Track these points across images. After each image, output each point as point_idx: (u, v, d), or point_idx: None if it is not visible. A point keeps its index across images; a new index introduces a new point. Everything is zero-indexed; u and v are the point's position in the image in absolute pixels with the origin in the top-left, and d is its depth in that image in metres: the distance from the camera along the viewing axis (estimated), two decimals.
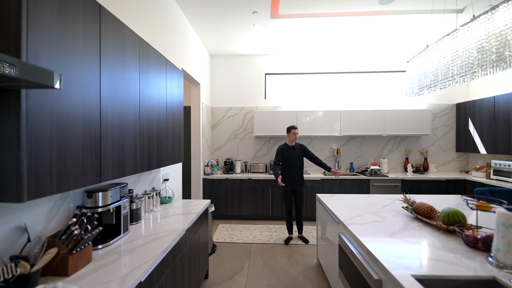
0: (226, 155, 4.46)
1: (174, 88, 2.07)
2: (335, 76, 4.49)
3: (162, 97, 1.81)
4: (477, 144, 3.80)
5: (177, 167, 2.78)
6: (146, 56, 1.58)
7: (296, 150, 3.18)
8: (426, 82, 2.05)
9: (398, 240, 1.38)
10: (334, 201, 2.30)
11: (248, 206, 3.93)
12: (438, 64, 1.90)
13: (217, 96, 4.50)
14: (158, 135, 1.75)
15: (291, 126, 3.18)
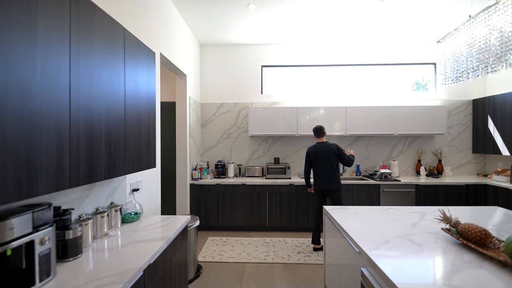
0: (217, 157, 3.97)
1: (140, 74, 1.58)
2: (340, 69, 4.04)
3: (117, 84, 1.32)
4: (498, 144, 3.38)
5: (152, 173, 2.29)
6: (86, 18, 1.08)
7: None
8: (468, 65, 1.59)
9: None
10: (346, 216, 1.83)
11: (242, 215, 3.45)
12: (489, 38, 1.43)
13: (208, 90, 4.01)
14: (109, 135, 1.26)
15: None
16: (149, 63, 1.72)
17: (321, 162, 2.86)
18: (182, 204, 3.33)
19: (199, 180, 3.48)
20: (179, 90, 3.32)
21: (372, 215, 1.87)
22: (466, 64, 1.56)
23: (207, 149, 4.00)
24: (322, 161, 2.86)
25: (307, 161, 2.98)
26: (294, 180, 3.46)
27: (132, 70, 1.48)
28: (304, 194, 3.41)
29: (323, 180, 2.85)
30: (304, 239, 3.17)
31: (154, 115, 1.78)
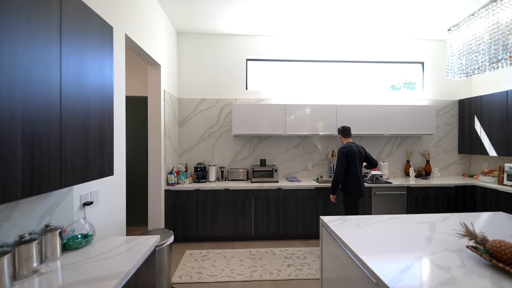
0: (197, 159, 3.57)
1: (89, 53, 1.18)
2: (330, 65, 3.82)
3: (45, 63, 0.92)
4: (485, 145, 3.36)
5: (113, 181, 1.86)
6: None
7: None
8: (484, 57, 1.38)
9: None
10: (349, 230, 1.56)
11: (224, 224, 3.08)
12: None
13: (186, 84, 3.59)
14: (31, 131, 0.86)
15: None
16: (103, 40, 1.31)
17: (358, 163, 2.64)
18: (155, 214, 2.90)
19: (175, 186, 3.06)
20: (152, 82, 2.88)
21: (376, 227, 1.62)
22: (488, 54, 1.35)
23: (186, 150, 3.58)
24: (359, 162, 2.65)
25: (343, 163, 2.59)
26: (282, 184, 3.17)
27: (73, 46, 1.07)
28: (293, 199, 3.14)
29: (363, 183, 2.67)
30: (294, 249, 2.90)
31: (111, 110, 1.38)
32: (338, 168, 2.62)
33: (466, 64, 1.49)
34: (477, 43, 1.43)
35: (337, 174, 2.61)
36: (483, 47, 1.39)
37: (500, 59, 1.30)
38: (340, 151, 2.65)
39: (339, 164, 2.62)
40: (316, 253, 2.79)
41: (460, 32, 1.52)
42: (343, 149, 2.64)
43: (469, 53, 1.47)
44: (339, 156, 2.63)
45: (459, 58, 1.54)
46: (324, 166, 3.70)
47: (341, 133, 2.80)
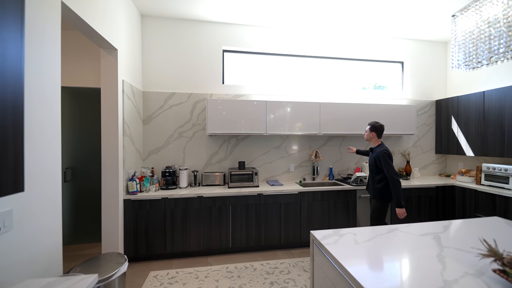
0: (165, 162, 3.10)
1: None
2: (313, 61, 3.60)
3: None
4: (462, 145, 3.39)
5: (40, 196, 1.38)
6: None
7: (372, 154, 2.49)
8: (493, 45, 1.20)
9: None
10: (348, 250, 1.29)
11: (197, 237, 2.68)
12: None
13: (153, 76, 3.10)
14: None
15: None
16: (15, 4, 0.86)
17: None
18: (111, 230, 2.40)
19: (137, 194, 2.58)
20: (106, 70, 2.38)
21: (377, 243, 1.37)
22: (506, 39, 1.15)
23: (152, 152, 3.09)
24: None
25: (392, 165, 2.28)
26: (263, 189, 2.85)
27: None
28: (275, 205, 2.84)
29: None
30: (276, 262, 2.59)
31: (17, 106, 0.92)
32: (393, 172, 2.24)
33: (477, 54, 1.29)
34: (488, 28, 1.23)
35: (397, 180, 2.24)
36: (497, 32, 1.19)
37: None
38: (385, 153, 2.30)
39: (390, 168, 2.26)
40: (301, 266, 2.52)
41: (468, 18, 1.32)
42: (387, 150, 2.33)
43: (478, 41, 1.27)
44: (386, 159, 2.28)
45: (464, 47, 1.34)
46: (307, 168, 3.46)
47: (377, 131, 2.44)
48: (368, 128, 2.51)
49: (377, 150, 2.42)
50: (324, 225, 2.95)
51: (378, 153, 2.36)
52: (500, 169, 2.86)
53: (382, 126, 2.49)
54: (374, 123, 2.49)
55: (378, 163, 2.36)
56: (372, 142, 2.51)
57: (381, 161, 2.31)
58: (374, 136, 2.48)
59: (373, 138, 2.49)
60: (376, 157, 2.38)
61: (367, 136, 2.51)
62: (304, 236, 2.90)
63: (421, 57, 3.84)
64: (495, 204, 2.77)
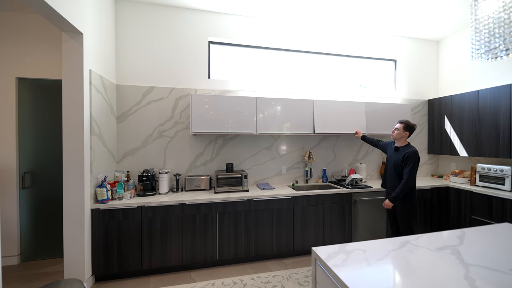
0: (143, 164, 2.76)
1: None
2: (307, 56, 3.39)
3: None
4: (456, 145, 3.32)
5: None
6: None
7: (398, 154, 2.33)
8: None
9: None
10: (359, 273, 1.06)
11: (179, 249, 2.37)
12: None
13: (129, 68, 2.75)
14: None
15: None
16: None
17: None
18: (75, 245, 2.04)
19: (108, 202, 2.23)
20: (68, 58, 2.02)
21: (393, 262, 1.15)
22: None
23: (128, 154, 2.74)
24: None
25: (417, 169, 2.26)
26: (253, 194, 2.59)
27: None
28: (266, 211, 2.59)
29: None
30: (268, 275, 2.34)
31: None
32: (414, 175, 2.22)
33: (505, 40, 1.10)
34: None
35: (413, 181, 2.24)
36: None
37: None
38: (417, 154, 2.24)
39: (414, 170, 2.22)
40: (296, 278, 2.28)
41: None
42: (417, 152, 2.25)
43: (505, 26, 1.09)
44: (416, 161, 2.22)
45: (488, 34, 1.16)
46: (299, 170, 3.25)
47: (411, 130, 2.33)
48: (400, 126, 2.35)
49: (407, 149, 2.28)
50: (319, 231, 2.74)
51: (410, 152, 2.24)
52: (495, 170, 2.79)
53: (415, 125, 2.37)
54: (407, 122, 2.35)
55: (404, 162, 2.25)
56: (401, 141, 2.37)
57: (409, 159, 2.22)
58: (406, 136, 2.34)
59: (403, 138, 2.35)
60: (405, 156, 2.25)
61: (398, 134, 2.35)
62: (298, 244, 2.68)
63: (414, 55, 3.76)
64: (492, 206, 2.69)
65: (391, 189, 2.41)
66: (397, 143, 2.39)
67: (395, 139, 2.40)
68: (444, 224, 3.18)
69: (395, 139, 2.39)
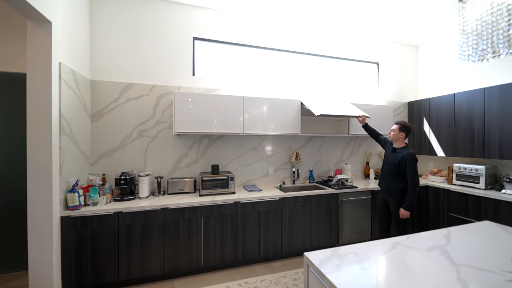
0: (121, 167, 2.57)
1: None
2: (295, 56, 3.36)
3: None
4: (434, 146, 3.47)
5: None
6: None
7: (395, 155, 2.33)
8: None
9: None
10: (353, 278, 1.02)
11: (161, 257, 2.22)
12: None
13: (105, 62, 2.54)
14: None
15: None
16: None
17: None
18: (42, 257, 1.83)
19: (81, 209, 2.03)
20: (34, 49, 1.80)
21: (386, 265, 1.13)
22: None
23: (104, 155, 2.53)
24: None
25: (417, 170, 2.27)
26: (240, 196, 2.51)
27: None
28: (253, 214, 2.51)
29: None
30: (256, 279, 2.27)
31: None
32: (417, 177, 2.22)
33: (492, 43, 1.12)
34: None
35: (418, 185, 2.22)
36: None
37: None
38: (414, 157, 2.23)
39: (416, 173, 2.22)
40: (284, 282, 2.23)
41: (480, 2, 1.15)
42: (415, 154, 2.26)
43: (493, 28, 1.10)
44: (414, 164, 2.22)
45: (477, 36, 1.17)
46: (287, 171, 3.21)
47: (407, 131, 2.32)
48: (396, 127, 2.35)
49: (403, 152, 2.28)
50: (306, 233, 2.71)
51: (406, 155, 2.23)
52: (471, 169, 2.94)
53: (411, 126, 2.37)
54: (403, 122, 2.35)
55: (403, 166, 2.24)
56: (398, 142, 2.37)
57: (407, 164, 2.22)
58: (402, 137, 2.34)
59: (400, 139, 2.35)
60: (402, 159, 2.25)
61: (395, 136, 2.35)
62: (286, 246, 2.63)
63: (395, 59, 3.88)
64: (468, 203, 2.83)
65: (385, 187, 2.44)
66: (395, 144, 2.40)
67: (392, 140, 2.40)
68: (424, 222, 3.30)
69: (392, 140, 2.40)
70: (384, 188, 2.46)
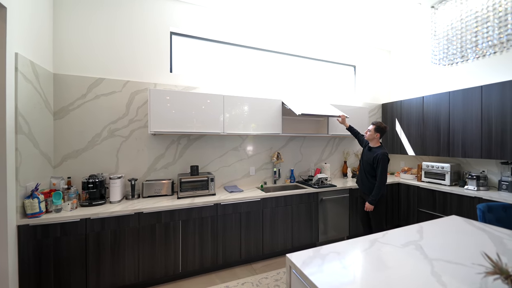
0: (90, 169, 2.36)
1: None
2: (276, 56, 3.36)
3: None
4: (405, 145, 3.68)
5: None
6: None
7: (370, 153, 2.43)
8: (480, 38, 1.11)
9: None
10: (336, 278, 1.02)
11: (135, 265, 2.07)
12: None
13: (71, 54, 2.32)
14: None
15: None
16: None
17: None
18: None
19: (41, 216, 1.82)
20: None
21: (366, 263, 1.15)
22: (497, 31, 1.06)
23: (69, 156, 2.31)
24: None
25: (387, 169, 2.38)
26: (220, 197, 2.44)
27: None
28: (234, 215, 2.46)
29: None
30: (237, 283, 2.22)
31: None
32: (385, 176, 2.35)
33: (462, 47, 1.18)
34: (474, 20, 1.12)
35: (385, 183, 2.36)
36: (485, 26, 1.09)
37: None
38: (386, 156, 2.33)
39: (385, 172, 2.33)
40: (266, 284, 2.21)
41: (451, 9, 1.22)
42: (388, 154, 2.36)
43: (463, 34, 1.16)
44: (385, 163, 2.33)
45: (447, 41, 1.24)
46: (268, 171, 3.20)
47: (382, 132, 2.42)
48: (372, 128, 2.44)
49: (378, 151, 2.38)
50: (288, 232, 2.72)
51: (379, 154, 2.34)
52: (438, 167, 3.16)
53: (386, 127, 2.46)
54: (379, 123, 2.44)
55: (375, 164, 2.35)
56: (373, 142, 2.46)
57: (379, 162, 2.33)
58: (377, 137, 2.43)
59: (375, 139, 2.44)
60: (375, 158, 2.36)
61: (370, 136, 2.44)
62: (267, 247, 2.61)
63: (370, 62, 4.06)
64: (435, 199, 3.03)
65: (361, 185, 2.53)
66: (371, 143, 2.50)
67: (367, 139, 2.51)
68: (396, 217, 3.49)
69: (368, 140, 2.51)
70: (361, 186, 2.56)
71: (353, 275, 1.05)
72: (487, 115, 2.70)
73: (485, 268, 0.91)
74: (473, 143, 2.83)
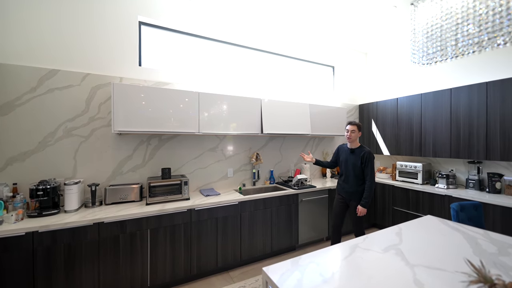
0: (41, 173, 2.06)
1: None
2: (255, 53, 3.23)
3: None
4: (380, 145, 3.78)
5: None
6: None
7: (354, 155, 2.37)
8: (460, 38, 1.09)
9: None
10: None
11: (94, 283, 1.83)
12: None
13: (18, 41, 2.00)
14: None
15: (347, 122, 2.43)
16: None
17: None
18: None
19: None
20: None
21: (347, 273, 1.07)
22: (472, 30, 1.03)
23: (14, 159, 1.98)
24: None
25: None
26: (195, 202, 2.26)
27: None
28: (210, 221, 2.29)
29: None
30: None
31: None
32: (374, 174, 2.33)
33: (441, 47, 1.15)
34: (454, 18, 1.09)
35: (374, 183, 2.36)
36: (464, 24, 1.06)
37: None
38: (372, 155, 2.32)
39: (374, 171, 2.31)
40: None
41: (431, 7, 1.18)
42: (372, 152, 2.35)
43: (443, 33, 1.13)
44: (373, 161, 2.31)
45: (427, 41, 1.20)
46: (247, 172, 3.07)
47: (361, 129, 2.43)
48: (355, 128, 2.38)
49: (362, 150, 2.35)
50: (267, 236, 2.62)
51: (366, 153, 2.32)
52: (411, 167, 3.27)
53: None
54: (358, 122, 2.46)
55: (364, 164, 2.31)
56: (355, 143, 2.41)
57: (367, 162, 2.31)
58: (358, 136, 2.41)
59: (355, 140, 2.40)
60: (363, 157, 2.32)
61: (355, 136, 2.38)
62: (245, 253, 2.49)
63: (348, 63, 4.11)
64: (409, 197, 3.12)
65: (348, 192, 2.42)
66: (352, 145, 2.41)
67: (353, 141, 2.40)
68: (373, 216, 3.55)
69: (353, 141, 2.40)
70: (348, 192, 2.42)
71: (332, 285, 0.96)
72: (456, 116, 2.83)
73: (468, 276, 0.87)
74: (443, 144, 2.95)
